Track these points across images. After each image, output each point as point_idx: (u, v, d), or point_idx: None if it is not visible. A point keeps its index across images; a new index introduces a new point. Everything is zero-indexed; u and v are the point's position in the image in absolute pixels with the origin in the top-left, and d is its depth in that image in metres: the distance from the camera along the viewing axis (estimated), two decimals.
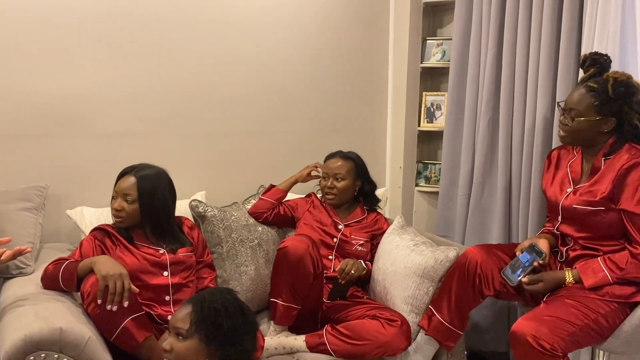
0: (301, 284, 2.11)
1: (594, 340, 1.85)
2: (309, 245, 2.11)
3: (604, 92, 1.88)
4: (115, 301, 1.70)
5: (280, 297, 2.13)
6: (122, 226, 2.01)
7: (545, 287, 1.94)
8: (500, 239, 2.63)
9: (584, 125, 1.92)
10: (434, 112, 3.10)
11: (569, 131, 1.96)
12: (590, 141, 1.96)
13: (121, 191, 1.98)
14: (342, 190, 2.45)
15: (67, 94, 2.33)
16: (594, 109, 1.90)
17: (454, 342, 2.10)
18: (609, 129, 1.92)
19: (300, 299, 2.13)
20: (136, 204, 1.97)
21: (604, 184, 1.90)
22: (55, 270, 1.82)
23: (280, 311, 2.13)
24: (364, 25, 3.02)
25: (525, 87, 2.54)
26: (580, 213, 1.95)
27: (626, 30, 2.18)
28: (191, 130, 2.62)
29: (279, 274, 2.15)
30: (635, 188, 1.83)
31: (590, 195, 1.92)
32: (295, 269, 2.09)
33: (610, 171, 1.89)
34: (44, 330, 1.54)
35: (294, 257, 2.08)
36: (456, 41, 2.83)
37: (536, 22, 2.45)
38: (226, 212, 2.38)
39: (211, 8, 2.59)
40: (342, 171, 2.44)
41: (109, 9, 2.37)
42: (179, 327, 1.51)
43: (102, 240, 1.98)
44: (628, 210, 1.84)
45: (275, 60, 2.78)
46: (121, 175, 2.02)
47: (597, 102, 1.89)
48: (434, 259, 2.15)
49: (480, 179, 2.74)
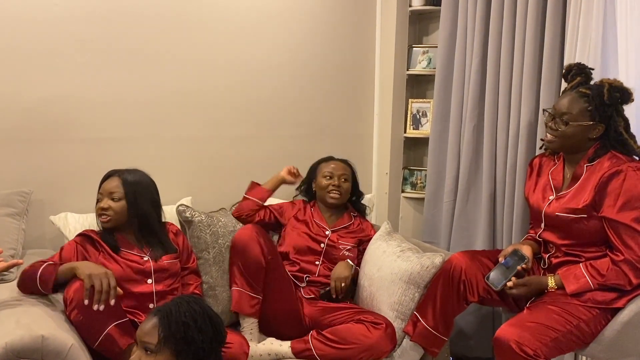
0: (252, 269, 2.15)
1: (576, 346, 1.87)
2: (254, 231, 2.18)
3: (599, 97, 1.90)
4: (102, 300, 1.68)
5: (235, 283, 2.18)
6: (109, 226, 1.99)
7: (529, 291, 1.95)
8: (485, 245, 2.65)
9: (576, 130, 1.93)
10: (420, 119, 3.12)
11: (559, 136, 1.97)
12: (575, 148, 1.98)
13: (106, 191, 1.99)
14: (347, 191, 2.51)
15: (52, 98, 2.32)
16: (587, 114, 1.92)
17: (438, 347, 2.11)
18: (597, 135, 1.94)
19: (258, 287, 2.16)
20: (123, 201, 1.98)
21: (586, 192, 1.92)
22: (33, 272, 1.80)
23: (236, 297, 2.17)
24: (351, 33, 3.04)
25: (509, 95, 2.57)
26: (562, 220, 1.97)
27: (607, 41, 2.22)
28: (177, 135, 2.61)
29: (231, 263, 2.23)
30: (617, 196, 1.85)
31: (572, 203, 1.94)
32: (242, 253, 2.16)
33: (591, 179, 1.92)
34: (25, 338, 1.52)
35: (240, 243, 2.17)
36: (442, 49, 2.86)
37: (520, 30, 2.49)
38: (213, 217, 2.37)
39: (198, 13, 2.59)
40: (347, 173, 2.52)
41: (93, 13, 2.35)
42: (147, 342, 1.40)
43: (84, 246, 1.96)
44: (609, 217, 1.86)
45: (262, 66, 2.79)
46: (105, 178, 2.03)
47: (591, 107, 1.91)
48: (420, 265, 2.16)
49: (465, 186, 2.76)
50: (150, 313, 1.47)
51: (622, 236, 1.85)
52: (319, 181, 2.52)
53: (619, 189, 1.85)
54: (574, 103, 1.93)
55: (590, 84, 1.99)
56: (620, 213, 1.84)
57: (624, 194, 1.84)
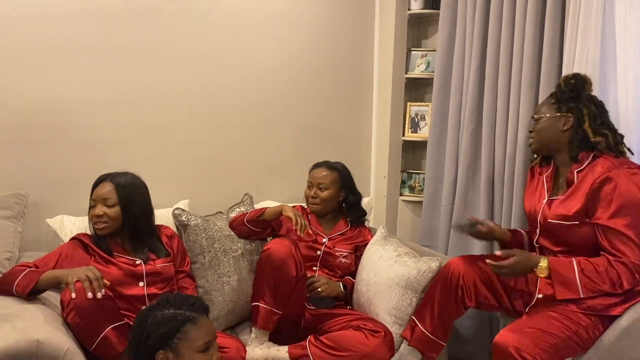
0: (283, 287, 2.11)
1: (575, 352, 1.86)
2: (292, 248, 2.11)
3: (558, 88, 2.02)
4: (95, 287, 1.67)
5: (262, 300, 2.12)
6: (104, 233, 1.98)
7: (517, 261, 1.87)
8: (483, 249, 2.65)
9: (545, 124, 2.01)
10: (418, 123, 3.12)
11: (534, 136, 2.06)
12: (553, 143, 2.01)
13: (100, 197, 1.97)
14: (325, 199, 2.46)
15: (48, 100, 2.30)
16: (553, 107, 2.01)
17: (436, 352, 2.10)
18: (568, 126, 1.97)
19: (282, 303, 2.12)
20: (117, 207, 1.97)
21: (577, 198, 1.91)
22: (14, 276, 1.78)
23: (262, 314, 2.11)
24: (350, 36, 3.04)
25: (508, 98, 2.57)
26: (555, 227, 1.96)
27: (606, 42, 2.22)
28: (175, 137, 2.60)
29: (261, 276, 2.14)
30: (609, 202, 1.84)
31: (564, 210, 1.94)
32: (278, 271, 2.09)
33: (583, 185, 1.91)
34: (21, 343, 1.51)
35: (277, 259, 2.08)
36: (440, 52, 2.86)
37: (519, 34, 2.49)
38: (209, 221, 2.36)
39: (196, 15, 2.58)
40: (326, 181, 2.46)
41: (89, 15, 2.35)
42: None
43: (74, 252, 1.95)
44: (601, 224, 1.85)
45: (260, 69, 2.78)
46: (97, 184, 2.01)
47: (554, 100, 2.02)
48: (417, 270, 2.15)
49: (463, 189, 2.76)
50: (187, 323, 1.49)
51: (613, 242, 1.83)
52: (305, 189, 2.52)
53: (611, 195, 1.83)
54: (543, 103, 2.08)
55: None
56: (612, 219, 1.83)
57: (616, 200, 1.83)
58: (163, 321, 1.48)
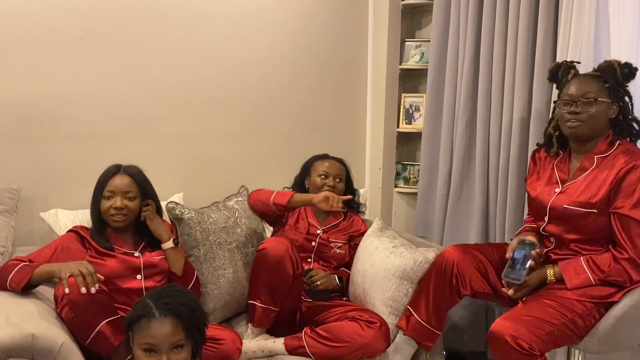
0: (280, 286, 2.10)
1: (571, 340, 1.86)
2: (289, 247, 2.10)
3: (612, 75, 1.90)
4: (89, 282, 1.66)
5: (259, 299, 2.12)
6: (121, 226, 1.97)
7: (532, 288, 1.94)
8: (478, 239, 2.65)
9: (600, 108, 1.89)
10: (413, 114, 3.11)
11: (585, 119, 1.90)
12: (597, 131, 1.93)
13: (119, 190, 1.94)
14: (340, 192, 2.46)
15: (41, 94, 2.29)
16: (605, 92, 1.90)
17: (432, 342, 2.11)
18: (613, 115, 1.92)
19: (279, 300, 2.12)
20: (137, 199, 1.97)
21: (598, 186, 1.88)
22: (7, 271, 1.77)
23: (259, 313, 2.11)
24: (343, 27, 3.02)
25: (502, 89, 2.57)
26: (569, 214, 1.93)
27: (600, 35, 2.22)
28: (169, 131, 2.59)
29: (258, 275, 2.14)
30: (632, 192, 1.81)
31: (582, 197, 1.91)
32: (275, 270, 2.08)
33: (605, 173, 1.88)
34: (15, 337, 1.50)
35: (274, 258, 2.08)
36: (434, 43, 2.85)
37: (513, 25, 2.48)
38: (204, 214, 2.35)
39: (189, 9, 2.57)
40: (342, 173, 2.50)
41: (84, 10, 2.33)
42: (177, 341, 1.45)
43: (69, 246, 1.93)
44: (621, 213, 1.83)
45: (254, 61, 2.77)
46: (111, 175, 1.97)
47: (609, 85, 1.90)
48: (413, 261, 2.15)
49: (458, 180, 2.76)
50: (144, 317, 1.46)
51: (630, 233, 1.82)
52: (313, 180, 2.49)
53: (635, 185, 1.81)
54: (592, 85, 1.90)
55: (595, 69, 1.98)
56: (634, 209, 1.80)
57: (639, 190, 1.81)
58: (135, 306, 1.52)
